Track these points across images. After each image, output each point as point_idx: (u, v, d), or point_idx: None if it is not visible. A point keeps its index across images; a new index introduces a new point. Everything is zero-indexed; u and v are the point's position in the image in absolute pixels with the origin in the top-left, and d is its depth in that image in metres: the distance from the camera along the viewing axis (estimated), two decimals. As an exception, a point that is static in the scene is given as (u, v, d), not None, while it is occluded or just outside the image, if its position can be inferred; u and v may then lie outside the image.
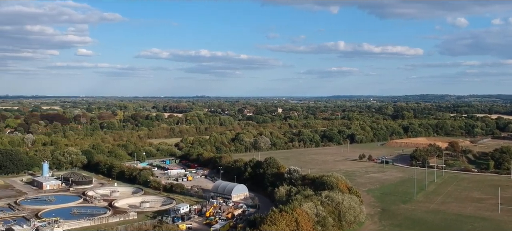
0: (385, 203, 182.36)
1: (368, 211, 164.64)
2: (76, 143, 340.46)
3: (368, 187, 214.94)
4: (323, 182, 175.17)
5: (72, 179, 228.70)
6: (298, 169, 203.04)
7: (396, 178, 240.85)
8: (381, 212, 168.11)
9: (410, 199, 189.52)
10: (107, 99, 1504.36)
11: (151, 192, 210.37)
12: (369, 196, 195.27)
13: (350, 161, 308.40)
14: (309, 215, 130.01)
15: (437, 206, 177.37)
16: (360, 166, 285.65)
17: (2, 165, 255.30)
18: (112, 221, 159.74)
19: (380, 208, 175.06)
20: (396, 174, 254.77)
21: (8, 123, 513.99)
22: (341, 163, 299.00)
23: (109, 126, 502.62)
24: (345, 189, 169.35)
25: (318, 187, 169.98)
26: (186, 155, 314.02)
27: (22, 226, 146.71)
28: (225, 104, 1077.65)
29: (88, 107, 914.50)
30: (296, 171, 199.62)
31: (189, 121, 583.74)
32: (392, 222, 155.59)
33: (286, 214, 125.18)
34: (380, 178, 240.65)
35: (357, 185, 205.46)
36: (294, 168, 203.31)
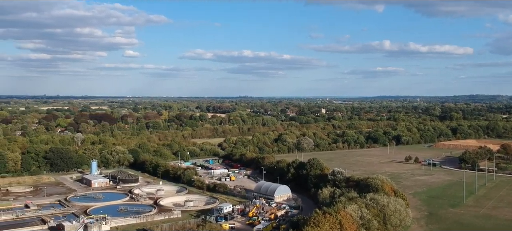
0: (432, 207, 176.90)
1: (414, 215, 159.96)
2: (123, 142, 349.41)
3: (414, 190, 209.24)
4: (368, 184, 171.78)
5: (119, 177, 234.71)
6: (342, 171, 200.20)
7: (444, 181, 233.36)
8: (428, 216, 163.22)
9: (459, 203, 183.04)
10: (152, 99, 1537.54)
11: (195, 191, 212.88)
12: (415, 199, 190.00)
13: (395, 163, 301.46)
14: (353, 218, 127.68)
15: (488, 211, 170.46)
16: (406, 168, 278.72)
17: (53, 163, 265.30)
18: (157, 219, 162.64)
19: (427, 211, 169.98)
20: (444, 177, 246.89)
21: (59, 122, 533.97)
22: (386, 165, 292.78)
23: (155, 125, 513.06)
24: (391, 191, 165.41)
25: (362, 189, 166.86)
26: (229, 155, 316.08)
27: (71, 222, 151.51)
28: (268, 104, 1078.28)
29: (134, 107, 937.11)
30: (340, 173, 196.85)
31: (232, 121, 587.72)
32: (439, 226, 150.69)
33: (329, 216, 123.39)
34: (427, 181, 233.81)
35: (403, 188, 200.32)
36: (338, 170, 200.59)
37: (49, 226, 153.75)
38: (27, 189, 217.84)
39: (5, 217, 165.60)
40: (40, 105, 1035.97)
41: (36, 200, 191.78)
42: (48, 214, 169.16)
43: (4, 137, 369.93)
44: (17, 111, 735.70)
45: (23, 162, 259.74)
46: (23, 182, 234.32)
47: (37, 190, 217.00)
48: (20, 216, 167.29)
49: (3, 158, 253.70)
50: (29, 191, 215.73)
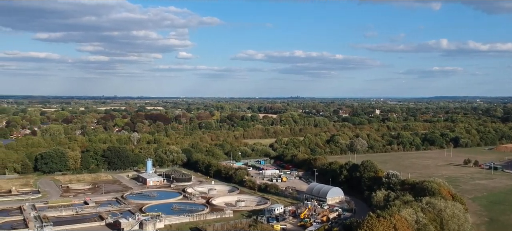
0: (494, 213, 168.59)
1: (473, 220, 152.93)
2: (176, 141, 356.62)
3: (474, 195, 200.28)
4: (424, 187, 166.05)
5: (173, 176, 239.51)
6: (396, 173, 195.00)
7: (507, 186, 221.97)
8: (489, 222, 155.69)
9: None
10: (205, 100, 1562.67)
11: (246, 191, 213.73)
12: (475, 204, 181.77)
13: (453, 166, 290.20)
14: (409, 222, 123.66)
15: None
16: (465, 171, 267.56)
17: (110, 161, 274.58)
18: (209, 218, 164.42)
19: (488, 217, 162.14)
20: (506, 181, 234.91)
21: (116, 122, 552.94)
22: (443, 168, 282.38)
23: (207, 125, 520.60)
24: (448, 195, 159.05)
25: (418, 193, 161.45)
26: (281, 156, 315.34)
27: (127, 219, 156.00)
28: (320, 105, 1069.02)
29: (187, 107, 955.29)
30: (395, 175, 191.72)
31: (284, 121, 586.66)
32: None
33: (383, 219, 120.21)
34: (488, 185, 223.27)
35: (461, 192, 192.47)
36: (393, 172, 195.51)
37: (107, 222, 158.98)
38: (86, 186, 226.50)
39: (66, 213, 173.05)
40: (99, 105, 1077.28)
41: (95, 197, 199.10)
42: (106, 211, 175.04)
43: (65, 136, 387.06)
44: (77, 111, 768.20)
45: (82, 160, 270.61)
46: (82, 180, 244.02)
47: (96, 187, 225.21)
48: (79, 212, 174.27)
49: (64, 156, 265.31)
50: (88, 188, 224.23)
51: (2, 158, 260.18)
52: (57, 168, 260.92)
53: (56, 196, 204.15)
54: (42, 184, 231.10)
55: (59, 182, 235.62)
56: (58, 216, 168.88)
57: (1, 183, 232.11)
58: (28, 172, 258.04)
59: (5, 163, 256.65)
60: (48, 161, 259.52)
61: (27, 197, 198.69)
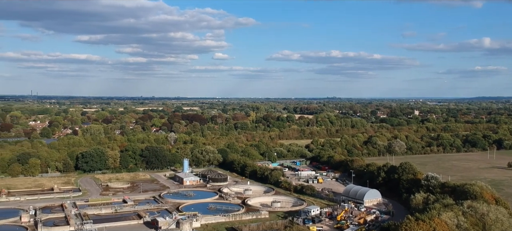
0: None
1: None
2: (212, 142, 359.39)
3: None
4: (465, 190, 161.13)
5: (209, 176, 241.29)
6: (436, 176, 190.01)
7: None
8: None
9: None
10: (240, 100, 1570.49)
11: (282, 192, 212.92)
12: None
13: (497, 169, 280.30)
14: (449, 226, 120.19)
15: None
16: (509, 175, 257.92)
17: (148, 161, 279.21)
18: (245, 218, 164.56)
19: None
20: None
21: (154, 122, 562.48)
22: (486, 171, 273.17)
23: (243, 126, 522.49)
24: (491, 199, 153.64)
25: (459, 196, 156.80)
26: (317, 157, 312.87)
27: (165, 218, 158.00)
28: (357, 106, 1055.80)
29: (223, 108, 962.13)
30: (435, 178, 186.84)
31: (320, 122, 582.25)
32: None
33: (423, 223, 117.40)
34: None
35: (505, 196, 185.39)
36: (432, 175, 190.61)
37: (144, 221, 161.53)
38: (125, 185, 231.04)
39: (105, 211, 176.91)
40: (137, 106, 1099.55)
41: (133, 196, 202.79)
42: (144, 209, 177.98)
43: (105, 135, 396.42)
44: (116, 111, 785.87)
45: (121, 160, 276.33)
46: (121, 178, 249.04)
47: (134, 186, 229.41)
48: (118, 210, 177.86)
49: (104, 155, 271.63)
50: (126, 187, 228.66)
51: (45, 157, 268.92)
52: (97, 167, 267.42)
53: (96, 194, 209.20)
54: (83, 183, 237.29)
55: (99, 181, 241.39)
56: (97, 214, 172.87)
57: (44, 181, 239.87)
58: (70, 171, 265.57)
59: (47, 161, 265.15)
60: (88, 160, 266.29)
61: (68, 195, 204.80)
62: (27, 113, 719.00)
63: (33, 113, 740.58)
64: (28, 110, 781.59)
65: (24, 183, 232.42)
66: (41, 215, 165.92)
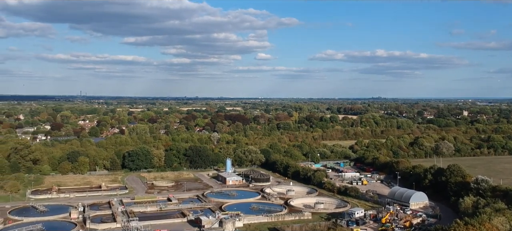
0: None
1: None
2: (255, 142, 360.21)
3: None
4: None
5: (252, 176, 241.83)
6: (487, 179, 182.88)
7: None
8: None
9: None
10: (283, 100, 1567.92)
11: (325, 193, 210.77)
12: None
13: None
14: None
15: None
16: None
17: (192, 160, 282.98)
18: (287, 219, 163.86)
19: None
20: None
21: (198, 122, 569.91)
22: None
23: (285, 126, 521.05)
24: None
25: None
26: (361, 158, 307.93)
27: (208, 217, 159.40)
28: (403, 106, 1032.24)
29: (266, 108, 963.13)
30: (485, 181, 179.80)
31: (364, 123, 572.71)
32: None
33: (472, 227, 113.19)
34: None
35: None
36: (482, 178, 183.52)
37: (188, 219, 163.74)
38: (169, 184, 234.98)
39: (151, 209, 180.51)
40: (181, 106, 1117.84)
41: (177, 194, 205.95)
42: (187, 208, 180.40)
43: (150, 135, 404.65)
44: (161, 111, 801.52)
45: (166, 159, 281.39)
46: (166, 177, 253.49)
47: (178, 185, 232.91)
48: (163, 208, 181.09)
49: (149, 154, 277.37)
50: (171, 185, 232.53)
51: (93, 155, 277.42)
52: (143, 166, 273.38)
53: (142, 192, 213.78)
54: (129, 181, 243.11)
55: (144, 179, 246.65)
56: (143, 212, 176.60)
57: (92, 178, 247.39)
58: (117, 169, 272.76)
59: (96, 160, 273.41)
60: (134, 158, 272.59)
61: (115, 192, 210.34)
62: (76, 113, 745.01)
63: (82, 113, 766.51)
64: (77, 110, 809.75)
65: (74, 181, 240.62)
66: (89, 212, 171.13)
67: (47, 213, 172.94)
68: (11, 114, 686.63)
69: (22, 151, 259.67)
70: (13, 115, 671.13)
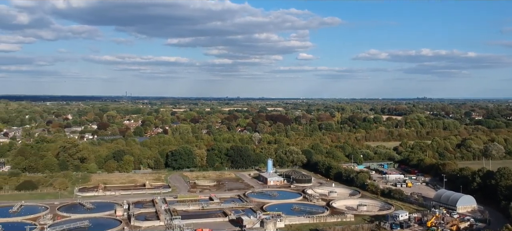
0: None
1: None
2: (296, 142, 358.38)
3: None
4: None
5: (293, 177, 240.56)
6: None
7: None
8: None
9: None
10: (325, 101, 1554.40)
11: (368, 195, 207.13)
12: None
13: None
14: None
15: None
16: None
17: (233, 160, 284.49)
18: (329, 220, 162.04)
19: None
20: None
21: (239, 122, 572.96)
22: None
23: (327, 127, 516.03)
24: None
25: None
26: (406, 160, 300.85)
27: (249, 217, 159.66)
28: (450, 107, 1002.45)
29: (307, 108, 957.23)
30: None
31: (409, 124, 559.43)
32: None
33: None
34: None
35: None
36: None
37: (230, 219, 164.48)
38: (211, 183, 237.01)
39: (193, 208, 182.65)
40: (223, 106, 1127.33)
41: (219, 194, 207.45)
42: (229, 207, 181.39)
43: (193, 134, 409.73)
44: (203, 112, 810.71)
45: (208, 158, 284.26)
46: (208, 177, 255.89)
47: (220, 184, 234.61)
48: (205, 207, 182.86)
49: (191, 153, 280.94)
50: (213, 185, 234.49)
51: (137, 154, 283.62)
52: (185, 165, 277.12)
53: (184, 191, 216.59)
54: (172, 179, 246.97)
55: (187, 178, 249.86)
56: (185, 210, 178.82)
57: (137, 177, 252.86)
58: (160, 168, 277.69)
59: (140, 159, 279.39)
60: (177, 157, 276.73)
61: (159, 191, 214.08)
62: (122, 113, 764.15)
63: (127, 113, 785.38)
64: (122, 110, 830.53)
65: (119, 179, 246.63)
66: (134, 210, 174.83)
67: (93, 210, 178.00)
68: (60, 114, 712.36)
69: (70, 149, 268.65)
70: (62, 115, 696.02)
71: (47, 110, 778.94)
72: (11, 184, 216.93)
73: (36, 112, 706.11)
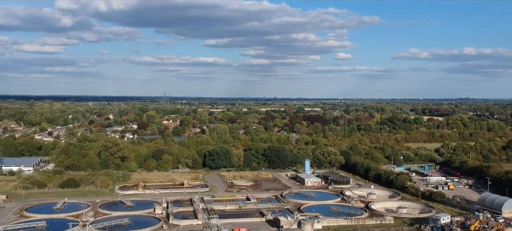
0: None
1: None
2: (334, 143, 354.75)
3: None
4: None
5: (331, 178, 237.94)
6: None
7: None
8: None
9: None
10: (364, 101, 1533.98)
11: (408, 197, 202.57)
12: None
13: None
14: None
15: None
16: None
17: (270, 160, 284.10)
18: (368, 223, 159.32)
19: None
20: None
21: (276, 122, 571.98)
22: None
23: (366, 127, 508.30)
24: None
25: None
26: (447, 162, 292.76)
27: (286, 217, 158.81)
28: (495, 107, 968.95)
29: (346, 109, 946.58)
30: None
31: (451, 125, 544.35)
32: None
33: None
34: None
35: None
36: None
37: (267, 219, 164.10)
38: (248, 183, 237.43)
39: (230, 207, 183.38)
40: (260, 106, 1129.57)
41: (256, 194, 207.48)
42: (266, 207, 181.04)
43: (230, 135, 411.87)
44: (240, 112, 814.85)
45: (245, 158, 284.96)
46: (245, 176, 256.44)
47: (257, 185, 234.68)
48: (242, 207, 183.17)
49: (229, 153, 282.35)
50: (250, 185, 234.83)
51: (176, 153, 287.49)
52: (223, 165, 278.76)
53: (222, 191, 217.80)
54: (210, 179, 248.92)
55: (224, 178, 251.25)
56: (223, 210, 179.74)
57: (175, 176, 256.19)
58: (198, 167, 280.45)
59: (178, 158, 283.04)
60: (215, 157, 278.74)
61: (196, 190, 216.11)
62: (161, 113, 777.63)
63: (166, 113, 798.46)
64: (161, 110, 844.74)
65: (158, 177, 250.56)
66: (172, 208, 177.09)
67: (133, 208, 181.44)
68: (102, 114, 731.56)
69: (111, 148, 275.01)
70: (103, 115, 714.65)
71: (89, 110, 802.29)
72: (55, 182, 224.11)
73: (79, 112, 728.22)
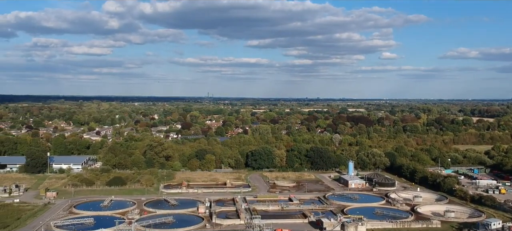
0: None
1: None
2: (379, 144, 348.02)
3: None
4: None
5: (375, 180, 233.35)
6: None
7: None
8: None
9: None
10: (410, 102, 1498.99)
11: (456, 201, 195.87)
12: None
13: None
14: None
15: None
16: None
17: (313, 161, 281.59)
18: (414, 226, 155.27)
19: None
20: None
21: (319, 123, 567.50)
22: None
23: (412, 129, 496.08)
24: None
25: None
26: (499, 165, 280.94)
27: (329, 219, 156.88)
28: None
29: (391, 110, 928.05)
30: None
31: (503, 126, 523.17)
32: None
33: None
34: None
35: None
36: None
37: (309, 220, 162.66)
38: (291, 184, 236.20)
39: (272, 208, 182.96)
40: (302, 107, 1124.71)
41: (298, 195, 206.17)
42: (308, 209, 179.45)
43: (272, 135, 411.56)
44: (283, 112, 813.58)
45: (287, 159, 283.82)
46: (287, 177, 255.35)
47: (299, 186, 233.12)
48: (284, 208, 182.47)
49: (271, 154, 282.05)
50: (292, 185, 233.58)
51: (219, 153, 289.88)
52: (265, 165, 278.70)
53: (264, 191, 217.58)
54: (252, 179, 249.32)
55: (266, 178, 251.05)
56: (265, 210, 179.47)
57: (218, 175, 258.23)
58: (240, 167, 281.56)
59: (221, 158, 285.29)
60: (257, 157, 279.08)
61: (239, 190, 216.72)
62: (204, 113, 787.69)
63: (209, 113, 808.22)
64: (205, 110, 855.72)
65: (201, 177, 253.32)
66: (215, 207, 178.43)
67: (177, 207, 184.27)
68: (147, 114, 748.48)
69: (156, 148, 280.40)
70: (148, 115, 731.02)
71: (135, 111, 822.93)
72: (102, 180, 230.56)
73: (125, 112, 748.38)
